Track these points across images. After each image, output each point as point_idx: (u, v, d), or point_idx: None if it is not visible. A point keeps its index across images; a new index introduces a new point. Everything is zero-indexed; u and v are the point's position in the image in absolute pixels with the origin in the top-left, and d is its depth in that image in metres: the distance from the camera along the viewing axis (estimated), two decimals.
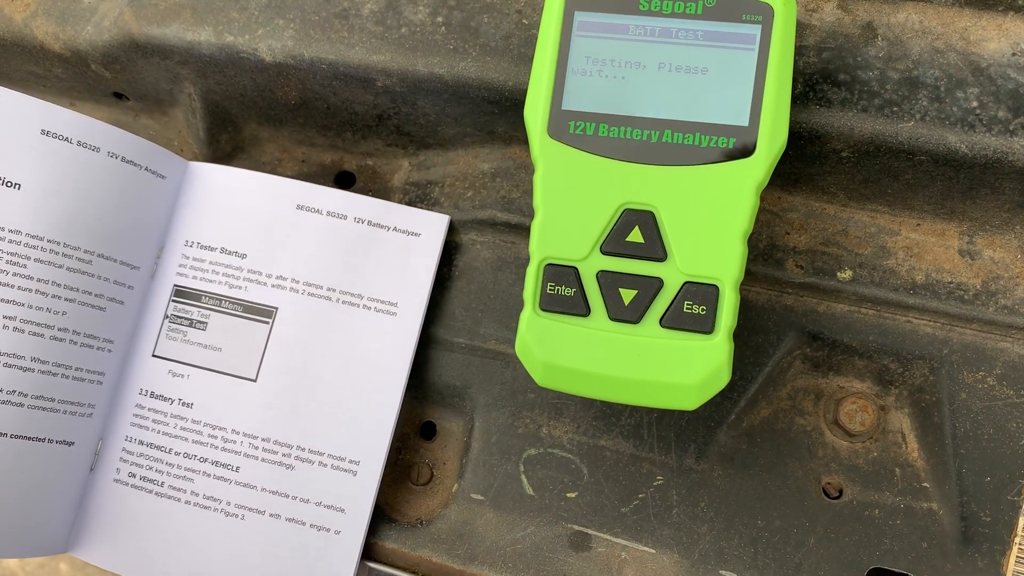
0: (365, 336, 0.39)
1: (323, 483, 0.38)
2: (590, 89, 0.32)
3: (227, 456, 0.39)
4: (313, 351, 0.39)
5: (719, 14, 0.32)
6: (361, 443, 0.39)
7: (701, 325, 0.32)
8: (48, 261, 0.37)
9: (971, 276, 0.37)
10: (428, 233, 0.40)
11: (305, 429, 0.39)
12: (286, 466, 0.38)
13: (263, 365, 0.39)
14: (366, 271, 0.40)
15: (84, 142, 0.37)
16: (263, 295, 0.40)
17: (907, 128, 0.33)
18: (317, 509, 0.38)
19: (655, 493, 0.38)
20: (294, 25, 0.38)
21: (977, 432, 0.36)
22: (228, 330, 0.39)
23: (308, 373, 0.39)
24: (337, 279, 0.40)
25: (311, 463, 0.39)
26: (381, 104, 0.40)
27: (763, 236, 0.38)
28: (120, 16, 0.40)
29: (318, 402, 0.39)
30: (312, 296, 0.40)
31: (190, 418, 0.39)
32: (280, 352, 0.39)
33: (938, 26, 0.34)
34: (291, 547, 0.38)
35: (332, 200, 0.40)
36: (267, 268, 0.40)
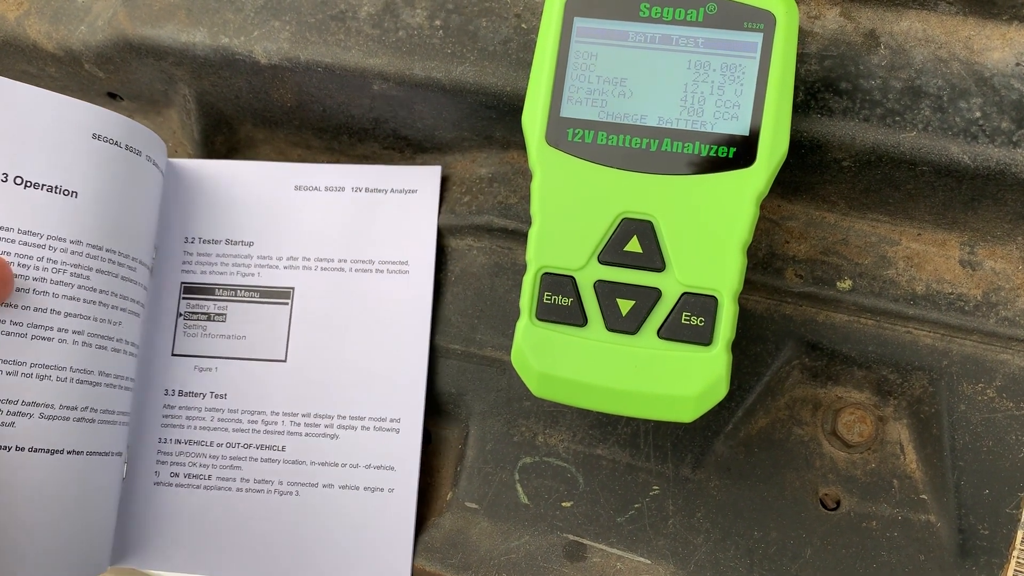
0: (383, 298, 0.40)
1: (369, 446, 0.39)
2: (589, 96, 0.32)
3: (271, 438, 0.39)
4: (336, 322, 0.40)
5: (720, 21, 0.31)
6: (398, 401, 0.39)
7: (699, 336, 0.31)
8: (107, 271, 0.36)
9: (972, 287, 0.36)
10: (424, 187, 0.41)
11: (342, 398, 0.39)
12: (330, 436, 0.39)
13: (290, 345, 0.40)
14: (372, 236, 0.40)
15: (131, 146, 0.37)
16: (277, 278, 0.40)
17: (909, 138, 0.33)
18: (367, 472, 0.39)
19: (651, 503, 0.37)
20: (290, 27, 0.38)
21: (976, 444, 0.36)
22: (249, 317, 0.40)
23: (335, 344, 0.40)
24: (346, 249, 0.40)
25: (354, 429, 0.39)
26: (378, 108, 0.39)
27: (763, 245, 0.37)
28: (114, 16, 0.39)
29: (349, 370, 0.40)
30: (325, 271, 0.40)
31: (226, 408, 0.40)
32: (304, 329, 0.40)
33: (941, 35, 0.34)
34: (349, 513, 0.38)
35: (327, 175, 0.41)
36: (276, 252, 0.41)
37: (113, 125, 0.36)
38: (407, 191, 0.41)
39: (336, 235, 0.41)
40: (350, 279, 0.40)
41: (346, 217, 0.41)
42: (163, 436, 0.40)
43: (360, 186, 0.41)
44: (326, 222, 0.41)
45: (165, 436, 0.40)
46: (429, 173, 0.41)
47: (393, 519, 0.38)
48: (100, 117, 0.36)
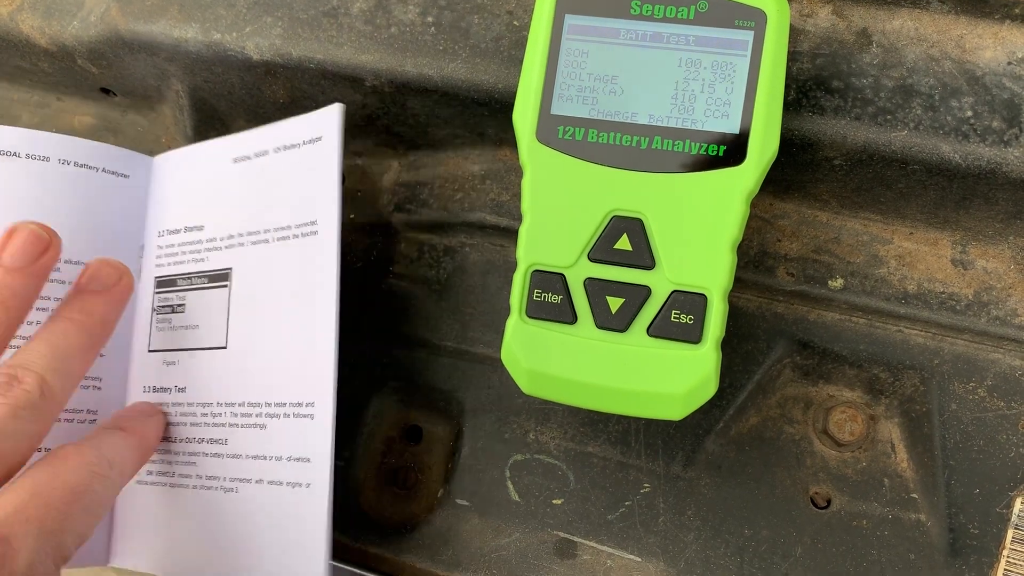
0: (296, 266, 0.37)
1: (289, 435, 0.36)
2: (580, 94, 0.32)
3: (217, 431, 0.38)
4: (263, 300, 0.37)
5: (711, 19, 0.31)
6: (310, 382, 0.36)
7: (688, 335, 0.31)
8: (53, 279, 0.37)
9: (963, 286, 0.36)
10: (327, 133, 0.37)
11: (269, 384, 0.37)
12: (259, 427, 0.37)
13: (229, 330, 0.38)
14: (288, 199, 0.37)
15: (32, 154, 0.37)
16: (220, 260, 0.39)
17: (900, 137, 0.33)
18: (288, 464, 0.36)
19: (642, 501, 0.37)
20: (282, 23, 0.38)
21: (967, 443, 0.36)
22: (199, 305, 0.39)
23: (262, 324, 0.37)
24: (268, 218, 0.38)
25: (278, 417, 0.36)
26: (370, 104, 0.39)
27: (754, 243, 0.37)
28: (107, 12, 0.39)
29: (273, 352, 0.37)
30: (255, 244, 0.38)
31: (185, 402, 0.38)
32: (239, 312, 0.38)
33: (933, 34, 0.34)
34: (274, 510, 0.36)
35: (255, 140, 0.38)
36: (219, 232, 0.39)
37: (9, 138, 0.37)
38: (313, 140, 0.37)
39: (260, 204, 0.38)
40: (273, 251, 0.37)
41: (267, 182, 0.38)
42: None
43: (280, 145, 0.38)
44: (253, 191, 0.38)
45: None
46: (329, 114, 0.37)
47: (309, 517, 0.35)
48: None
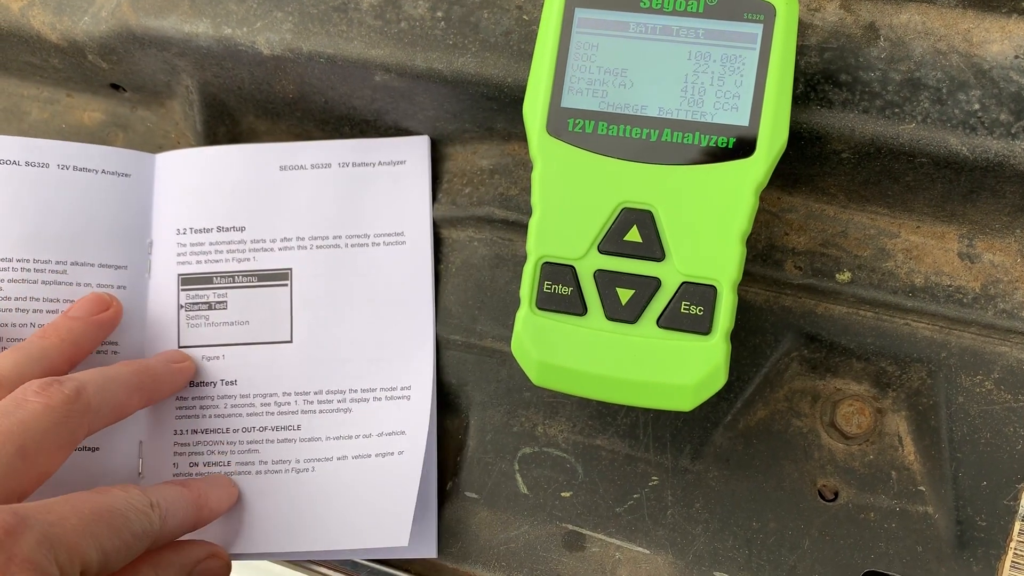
0: (382, 270, 0.40)
1: (381, 415, 0.39)
2: (590, 87, 0.32)
3: (285, 419, 0.39)
4: (338, 298, 0.40)
5: (721, 12, 0.31)
6: (408, 369, 0.39)
7: (698, 326, 0.31)
8: (21, 279, 0.38)
9: (970, 279, 0.36)
10: (413, 158, 0.41)
11: (352, 372, 0.40)
12: (343, 411, 0.39)
13: (294, 325, 0.40)
14: (365, 210, 0.41)
15: (32, 161, 0.39)
16: (273, 260, 0.40)
17: (908, 130, 0.33)
18: (379, 439, 0.39)
19: (650, 493, 0.37)
20: (292, 18, 0.38)
21: (974, 436, 0.36)
22: (249, 302, 0.40)
23: (338, 320, 0.40)
24: (340, 225, 0.41)
25: (366, 401, 0.39)
26: (380, 99, 0.39)
27: (762, 236, 0.38)
28: (118, 7, 0.40)
29: (356, 344, 0.40)
30: (321, 248, 0.40)
31: (238, 394, 0.40)
32: (306, 309, 0.40)
33: (941, 27, 0.34)
34: (361, 482, 0.38)
35: (312, 152, 0.41)
36: (269, 234, 0.41)
37: (8, 147, 0.39)
38: (396, 162, 0.41)
39: (328, 212, 0.41)
40: (347, 255, 0.40)
41: (336, 193, 0.41)
42: (178, 428, 0.40)
43: (347, 161, 0.41)
44: (316, 200, 0.41)
45: (180, 427, 0.40)
46: (418, 143, 0.41)
47: (400, 481, 0.38)
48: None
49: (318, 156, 0.41)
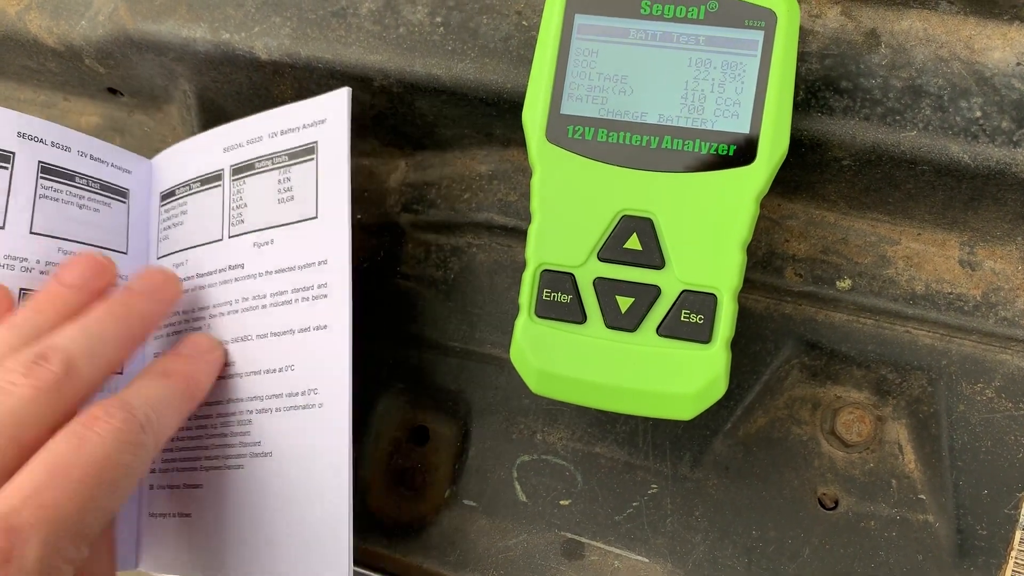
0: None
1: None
2: (590, 93, 0.32)
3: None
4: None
5: (721, 19, 0.31)
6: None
7: (698, 334, 0.31)
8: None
9: (971, 287, 0.36)
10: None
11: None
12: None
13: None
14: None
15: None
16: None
17: (909, 137, 0.33)
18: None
19: (649, 501, 0.37)
20: (291, 23, 0.38)
21: (975, 444, 0.36)
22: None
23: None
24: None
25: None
26: (378, 104, 0.39)
27: (762, 243, 0.37)
28: (115, 11, 0.39)
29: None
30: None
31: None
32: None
33: (942, 34, 0.34)
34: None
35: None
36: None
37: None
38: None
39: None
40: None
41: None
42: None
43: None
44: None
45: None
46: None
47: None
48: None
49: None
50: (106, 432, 0.29)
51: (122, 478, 0.29)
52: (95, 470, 0.28)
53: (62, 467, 0.28)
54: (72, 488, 0.28)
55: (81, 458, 0.28)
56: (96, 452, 0.29)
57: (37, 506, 0.27)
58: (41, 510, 0.27)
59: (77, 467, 0.28)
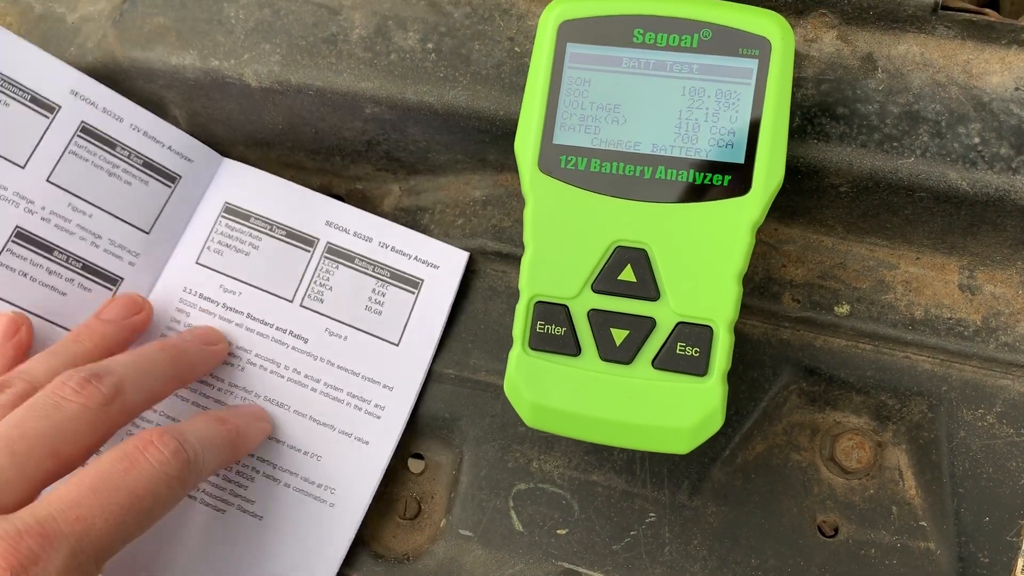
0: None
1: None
2: (582, 123, 0.32)
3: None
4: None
5: (715, 47, 0.31)
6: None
7: (694, 367, 0.31)
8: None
9: (971, 312, 0.36)
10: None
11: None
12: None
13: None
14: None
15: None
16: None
17: (907, 164, 0.33)
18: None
19: (647, 530, 0.37)
20: (280, 50, 0.37)
21: (976, 471, 0.35)
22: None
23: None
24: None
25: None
26: (370, 130, 0.39)
27: (759, 269, 0.37)
28: (103, 38, 0.39)
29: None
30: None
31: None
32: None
33: (939, 59, 0.33)
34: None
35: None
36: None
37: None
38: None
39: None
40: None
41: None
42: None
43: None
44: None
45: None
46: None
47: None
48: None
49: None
50: (156, 461, 0.30)
51: (156, 508, 0.30)
52: (136, 497, 0.29)
53: (108, 487, 0.29)
54: (111, 509, 0.28)
55: (127, 482, 0.29)
56: (142, 479, 0.30)
57: (75, 518, 0.27)
58: (78, 523, 0.27)
59: (122, 490, 0.29)
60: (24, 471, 0.29)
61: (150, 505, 0.30)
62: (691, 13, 0.31)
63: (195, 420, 0.34)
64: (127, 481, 0.29)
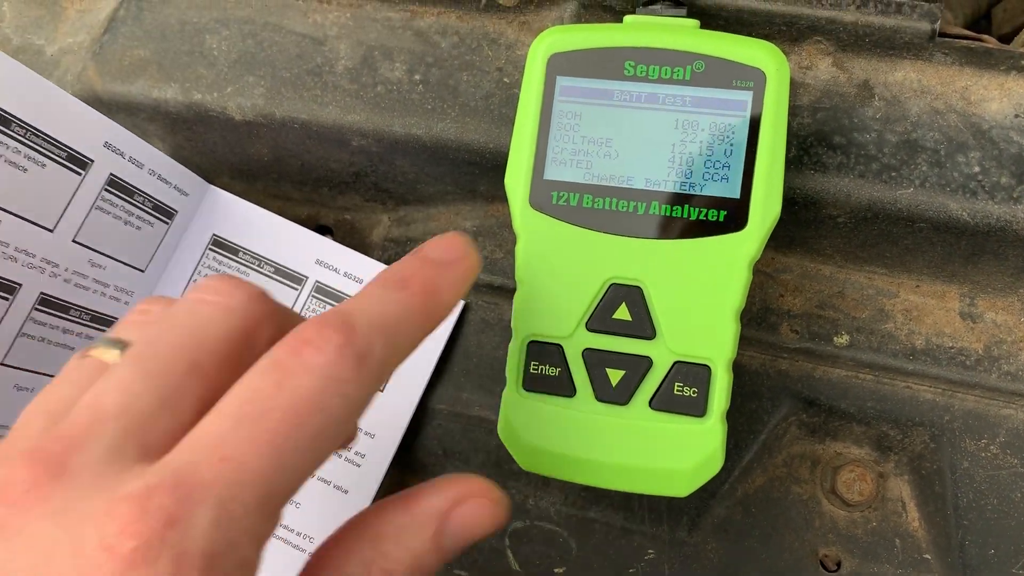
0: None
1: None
2: (574, 158, 0.31)
3: None
4: None
5: (708, 80, 0.30)
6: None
7: (693, 408, 0.30)
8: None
9: (973, 340, 0.35)
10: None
11: None
12: None
13: None
14: None
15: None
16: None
17: (906, 195, 0.32)
18: None
19: (646, 567, 0.36)
20: (264, 82, 0.37)
21: (980, 502, 0.34)
22: None
23: None
24: None
25: None
26: (358, 163, 0.38)
27: (756, 299, 0.36)
28: (83, 72, 0.38)
29: None
30: None
31: None
32: None
33: (937, 85, 0.33)
34: None
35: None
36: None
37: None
38: None
39: None
40: None
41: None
42: None
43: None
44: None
45: None
46: None
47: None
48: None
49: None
50: (316, 364, 0.21)
51: (329, 429, 0.21)
52: (298, 418, 0.21)
53: (255, 411, 0.21)
54: (264, 439, 0.20)
55: (280, 400, 0.21)
56: (299, 392, 0.21)
57: (219, 459, 0.20)
58: (224, 465, 0.20)
59: (276, 412, 0.21)
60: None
61: (320, 426, 0.21)
62: (683, 45, 0.30)
63: (368, 293, 0.24)
64: (280, 400, 0.21)
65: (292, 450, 0.20)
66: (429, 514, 0.23)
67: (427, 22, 0.37)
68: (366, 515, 0.23)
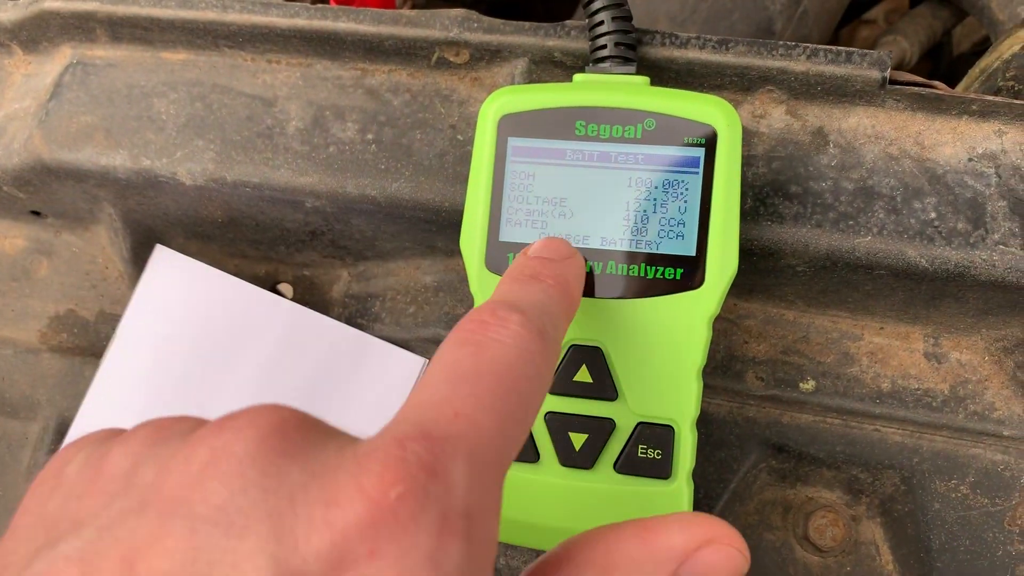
0: None
1: None
2: (528, 218, 0.30)
3: None
4: None
5: (659, 137, 0.30)
6: None
7: (658, 470, 0.30)
8: None
9: (938, 381, 0.35)
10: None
11: None
12: None
13: None
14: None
15: None
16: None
17: (864, 243, 0.32)
18: None
19: None
20: (214, 146, 0.36)
21: (953, 544, 0.34)
22: None
23: None
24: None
25: None
26: (313, 222, 0.37)
27: (721, 346, 0.36)
28: (29, 139, 0.37)
29: None
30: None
31: None
32: None
33: (891, 131, 0.33)
34: None
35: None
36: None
37: None
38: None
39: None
40: None
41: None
42: None
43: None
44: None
45: None
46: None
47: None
48: None
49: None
50: (504, 337, 0.21)
51: (532, 396, 0.21)
52: (501, 380, 0.20)
53: (463, 375, 0.20)
54: (485, 399, 0.20)
55: (482, 365, 0.20)
56: (498, 359, 0.21)
57: (453, 414, 0.19)
58: (458, 419, 0.19)
59: (485, 376, 0.20)
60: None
61: (525, 391, 0.21)
62: (633, 103, 0.30)
63: (512, 287, 0.25)
64: (482, 364, 0.20)
65: (509, 412, 0.20)
66: (669, 554, 0.21)
67: (378, 80, 0.36)
68: (596, 539, 0.21)
